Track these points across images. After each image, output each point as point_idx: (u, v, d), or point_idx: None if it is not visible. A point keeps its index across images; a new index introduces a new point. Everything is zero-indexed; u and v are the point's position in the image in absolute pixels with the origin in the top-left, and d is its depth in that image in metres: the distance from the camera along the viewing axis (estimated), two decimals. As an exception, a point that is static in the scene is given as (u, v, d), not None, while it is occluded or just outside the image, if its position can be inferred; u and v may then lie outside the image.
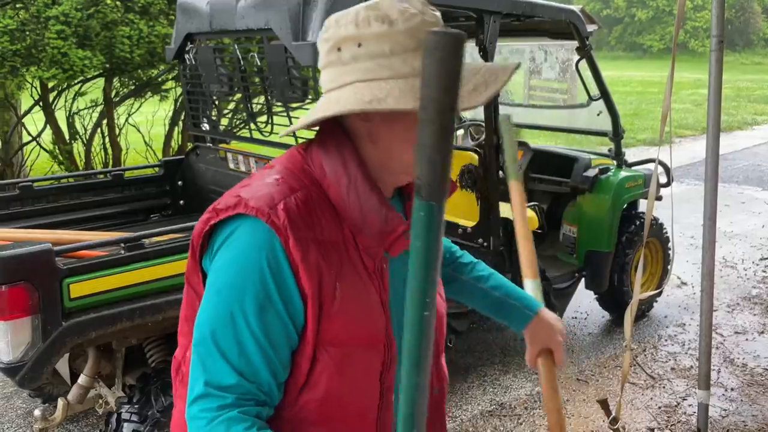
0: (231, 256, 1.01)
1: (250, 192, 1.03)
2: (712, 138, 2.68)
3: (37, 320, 2.21)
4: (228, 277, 1.01)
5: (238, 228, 1.02)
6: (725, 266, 5.56)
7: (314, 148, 1.10)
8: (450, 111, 0.66)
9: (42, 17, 5.09)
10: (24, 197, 3.38)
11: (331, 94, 1.03)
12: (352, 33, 1.00)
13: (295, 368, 1.05)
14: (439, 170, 0.68)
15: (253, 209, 1.00)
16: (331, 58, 1.03)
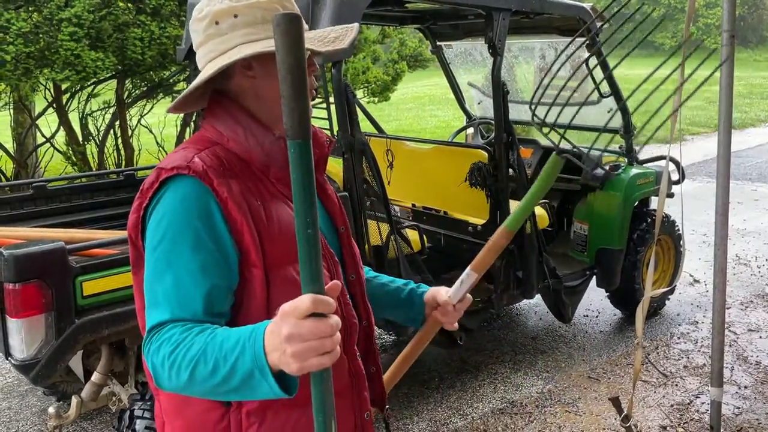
0: (160, 216, 1.11)
1: (164, 163, 1.15)
2: (724, 134, 2.66)
3: (51, 318, 2.24)
4: (160, 233, 1.10)
5: (164, 193, 1.13)
6: (738, 263, 5.52)
7: (205, 120, 1.25)
8: (297, 69, 0.85)
9: (55, 19, 5.14)
10: (38, 197, 3.42)
11: (216, 60, 1.17)
12: (227, 6, 1.16)
13: (254, 296, 1.14)
14: (297, 115, 0.86)
15: (173, 169, 1.12)
16: (209, 31, 1.18)
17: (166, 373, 1.03)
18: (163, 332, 1.05)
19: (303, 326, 0.92)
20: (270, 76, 1.20)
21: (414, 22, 4.42)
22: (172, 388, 1.05)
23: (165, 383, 1.05)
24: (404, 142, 4.09)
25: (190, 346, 1.01)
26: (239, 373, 0.97)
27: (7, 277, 2.16)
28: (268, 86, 1.21)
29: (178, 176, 1.12)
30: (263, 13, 1.17)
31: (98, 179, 3.83)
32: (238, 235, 1.13)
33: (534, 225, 3.49)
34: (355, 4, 2.64)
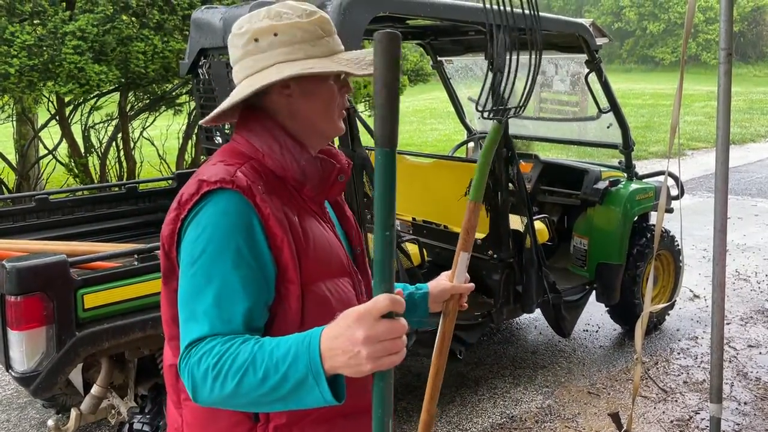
0: (200, 229, 1.11)
1: (205, 175, 1.14)
2: (722, 150, 2.68)
3: (52, 330, 2.24)
4: (200, 246, 1.10)
5: (205, 205, 1.12)
6: (738, 279, 5.52)
7: (238, 134, 1.25)
8: (393, 83, 0.92)
9: (59, 33, 5.19)
10: (40, 209, 3.44)
11: (253, 78, 1.18)
12: (267, 25, 1.18)
13: (289, 311, 1.15)
14: (389, 126, 0.93)
15: (216, 182, 1.12)
16: (248, 48, 1.19)
17: (208, 385, 1.01)
18: (204, 345, 1.04)
19: (379, 327, 0.95)
20: (306, 96, 1.22)
21: (415, 38, 4.46)
22: (212, 399, 1.03)
23: (205, 395, 1.03)
24: (404, 156, 4.11)
25: (235, 355, 1.00)
26: (291, 381, 0.97)
27: (9, 290, 2.17)
28: (303, 105, 1.22)
29: (220, 190, 1.12)
30: (302, 33, 1.18)
31: (100, 192, 3.86)
32: (277, 251, 1.13)
33: (534, 239, 3.50)
34: (358, 20, 2.67)
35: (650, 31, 43.13)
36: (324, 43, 1.20)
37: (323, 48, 1.19)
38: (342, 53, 1.23)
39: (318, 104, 1.23)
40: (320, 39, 1.19)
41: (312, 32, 1.18)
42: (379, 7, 2.77)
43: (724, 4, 2.58)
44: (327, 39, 1.20)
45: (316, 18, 1.20)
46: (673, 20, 41.93)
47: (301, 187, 1.22)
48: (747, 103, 20.28)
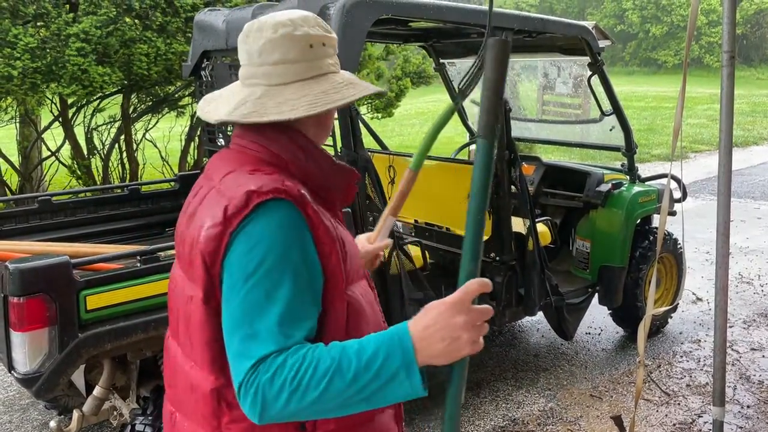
0: (253, 242, 1.06)
1: (253, 186, 1.10)
2: (725, 153, 2.68)
3: (54, 332, 2.24)
4: (255, 261, 1.05)
5: (255, 217, 1.08)
6: (741, 282, 5.51)
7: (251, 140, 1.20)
8: (500, 83, 1.07)
9: (62, 35, 5.20)
10: (43, 211, 3.44)
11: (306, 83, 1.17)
12: (320, 34, 1.19)
13: (338, 318, 1.16)
14: (492, 121, 1.08)
15: (268, 192, 1.08)
16: (305, 53, 1.17)
17: (283, 400, 1.00)
18: (272, 361, 1.02)
19: (474, 312, 1.03)
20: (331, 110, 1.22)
21: (418, 40, 4.46)
22: (284, 414, 1.01)
23: (275, 411, 1.01)
24: (407, 158, 4.11)
25: (315, 364, 1.00)
26: (383, 378, 1.00)
27: (12, 291, 2.17)
28: (328, 115, 1.27)
29: (273, 200, 1.08)
30: (335, 48, 1.23)
31: (103, 193, 3.86)
32: (325, 259, 1.13)
33: (536, 242, 3.50)
34: (360, 22, 2.68)
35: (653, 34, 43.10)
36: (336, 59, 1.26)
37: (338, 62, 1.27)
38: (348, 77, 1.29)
39: (332, 116, 1.29)
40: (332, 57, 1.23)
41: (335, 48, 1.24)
42: (382, 9, 2.77)
43: (727, 7, 2.58)
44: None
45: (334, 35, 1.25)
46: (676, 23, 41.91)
47: (326, 194, 1.21)
48: (750, 106, 20.26)
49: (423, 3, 2.97)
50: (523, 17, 3.31)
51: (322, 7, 2.70)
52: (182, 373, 1.22)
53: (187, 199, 1.28)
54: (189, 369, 1.20)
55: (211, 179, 1.21)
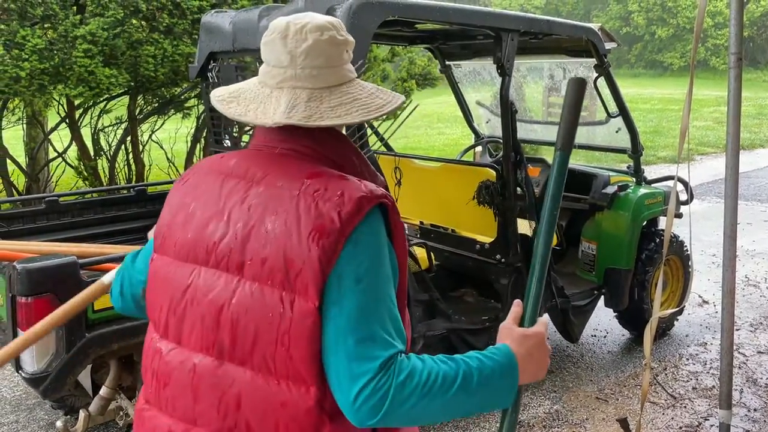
0: (363, 246, 1.08)
1: (360, 191, 1.11)
2: (732, 155, 2.67)
3: (61, 332, 2.26)
4: (366, 264, 1.08)
5: (365, 222, 1.09)
6: (748, 285, 5.49)
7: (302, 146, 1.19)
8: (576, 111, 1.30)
9: (70, 36, 5.23)
10: (50, 211, 3.46)
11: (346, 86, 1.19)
12: (351, 40, 1.22)
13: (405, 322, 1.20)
14: (569, 135, 1.30)
15: (376, 198, 1.11)
16: (345, 57, 1.20)
17: (410, 404, 1.05)
18: (401, 365, 1.06)
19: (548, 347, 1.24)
20: None
21: (423, 42, 4.46)
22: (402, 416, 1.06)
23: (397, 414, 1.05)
24: (412, 160, 4.12)
25: (444, 374, 1.08)
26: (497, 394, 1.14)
27: (20, 291, 2.19)
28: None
29: (379, 206, 1.11)
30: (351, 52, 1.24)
31: (109, 194, 3.87)
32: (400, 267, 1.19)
33: (542, 244, 3.49)
34: (366, 24, 2.68)
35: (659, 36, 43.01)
36: None
37: None
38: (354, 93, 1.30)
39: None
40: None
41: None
42: (389, 11, 2.78)
43: (734, 9, 2.58)
44: None
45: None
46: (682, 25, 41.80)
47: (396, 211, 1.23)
48: (756, 108, 20.17)
49: (429, 5, 2.97)
50: (529, 19, 3.31)
51: (328, 8, 2.71)
52: (256, 398, 1.12)
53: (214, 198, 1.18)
54: (274, 389, 1.11)
55: (272, 184, 1.14)
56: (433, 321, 3.17)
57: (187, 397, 1.18)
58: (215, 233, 1.15)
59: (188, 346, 1.18)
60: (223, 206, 1.16)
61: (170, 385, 1.20)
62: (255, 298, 1.10)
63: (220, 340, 1.14)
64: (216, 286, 1.14)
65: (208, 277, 1.15)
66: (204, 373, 1.16)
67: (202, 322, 1.15)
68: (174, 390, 1.20)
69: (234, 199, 1.15)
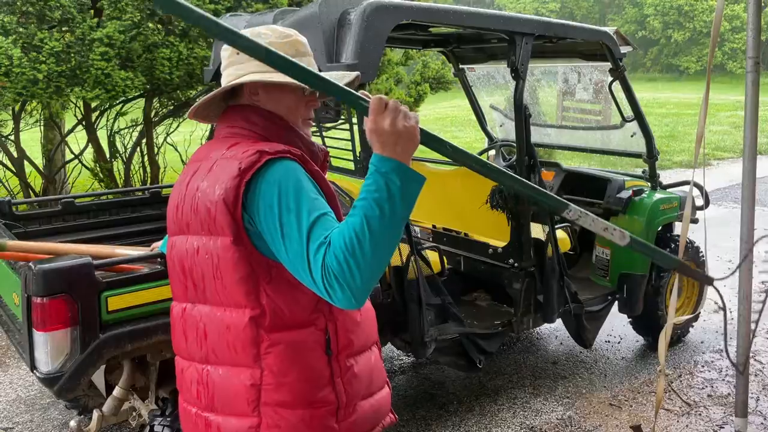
0: (278, 186, 1.31)
1: (263, 147, 1.36)
2: (749, 160, 2.64)
3: (76, 332, 2.27)
4: (291, 196, 1.30)
5: (269, 170, 1.34)
6: (764, 292, 5.42)
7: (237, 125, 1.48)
8: None
9: (87, 40, 5.28)
10: (66, 213, 3.49)
11: (233, 82, 1.46)
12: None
13: None
14: None
15: (276, 153, 1.35)
16: (231, 59, 1.48)
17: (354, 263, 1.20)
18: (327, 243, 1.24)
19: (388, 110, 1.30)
20: (270, 102, 1.48)
21: (437, 45, 4.46)
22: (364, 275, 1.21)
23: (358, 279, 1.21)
24: (425, 163, 4.11)
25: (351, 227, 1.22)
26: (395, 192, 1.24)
27: (35, 291, 2.21)
28: (271, 103, 1.49)
29: (280, 158, 1.35)
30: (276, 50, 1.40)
31: (125, 196, 3.90)
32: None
33: (555, 248, 3.47)
34: (380, 28, 2.68)
35: (675, 40, 42.69)
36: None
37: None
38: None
39: (281, 110, 1.49)
40: (292, 58, 1.36)
41: (284, 51, 1.37)
42: (402, 14, 2.78)
43: (751, 12, 2.56)
44: (298, 59, 1.39)
45: (291, 40, 1.48)
46: (699, 29, 41.48)
47: (309, 162, 1.42)
48: (774, 113, 19.93)
49: (443, 8, 2.97)
50: (544, 23, 3.30)
51: (342, 12, 2.71)
52: (213, 326, 1.43)
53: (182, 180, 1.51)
54: (221, 315, 1.41)
55: (209, 157, 1.45)
56: (445, 325, 3.16)
57: (183, 340, 1.52)
58: (176, 207, 1.51)
59: (177, 299, 1.55)
60: (184, 185, 1.49)
61: (175, 333, 1.55)
62: (197, 247, 1.43)
63: (188, 287, 1.48)
64: (180, 247, 1.49)
65: (177, 242, 1.51)
66: (186, 317, 1.50)
67: (178, 277, 1.51)
68: (177, 336, 1.54)
69: (189, 177, 1.49)
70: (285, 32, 1.49)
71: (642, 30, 44.13)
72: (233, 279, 1.37)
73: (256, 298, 1.36)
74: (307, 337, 1.39)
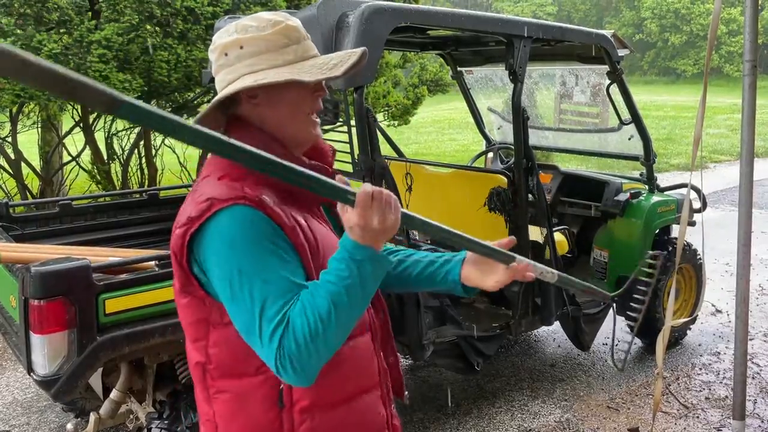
0: (229, 241, 1.17)
1: (212, 193, 1.21)
2: (746, 163, 2.65)
3: (73, 335, 2.26)
4: (238, 255, 1.16)
5: (220, 221, 1.18)
6: (762, 294, 5.43)
7: None
8: None
9: (85, 42, 5.27)
10: (63, 215, 3.48)
11: (225, 90, 1.27)
12: (234, 39, 1.26)
13: None
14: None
15: (228, 200, 1.18)
16: (220, 62, 1.28)
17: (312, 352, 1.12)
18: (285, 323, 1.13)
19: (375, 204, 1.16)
20: (272, 104, 1.28)
21: (435, 48, 4.47)
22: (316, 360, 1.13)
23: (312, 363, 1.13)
24: (423, 165, 4.11)
25: (317, 310, 1.13)
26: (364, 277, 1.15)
27: (32, 294, 2.20)
28: (270, 112, 1.29)
29: (233, 206, 1.18)
30: (266, 44, 1.25)
31: (122, 198, 3.90)
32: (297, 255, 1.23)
33: (553, 251, 3.48)
34: (378, 30, 2.69)
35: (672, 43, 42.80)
36: (289, 52, 1.26)
37: (288, 56, 1.26)
38: (310, 59, 1.28)
39: (284, 111, 1.29)
40: (285, 47, 1.26)
41: (275, 42, 1.25)
42: (401, 17, 2.78)
43: (748, 16, 2.56)
44: (293, 47, 1.26)
45: (281, 28, 1.26)
46: (695, 32, 41.59)
47: (298, 194, 1.28)
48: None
49: (441, 11, 2.97)
50: (541, 25, 3.30)
51: (341, 14, 2.71)
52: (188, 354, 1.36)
53: None
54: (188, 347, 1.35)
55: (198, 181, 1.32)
56: (443, 327, 3.16)
57: None
58: None
59: None
60: None
61: None
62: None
63: None
64: None
65: None
66: None
67: None
68: None
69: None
70: (273, 19, 1.27)
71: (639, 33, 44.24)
72: (183, 321, 1.32)
73: (204, 346, 1.28)
74: (256, 388, 1.26)
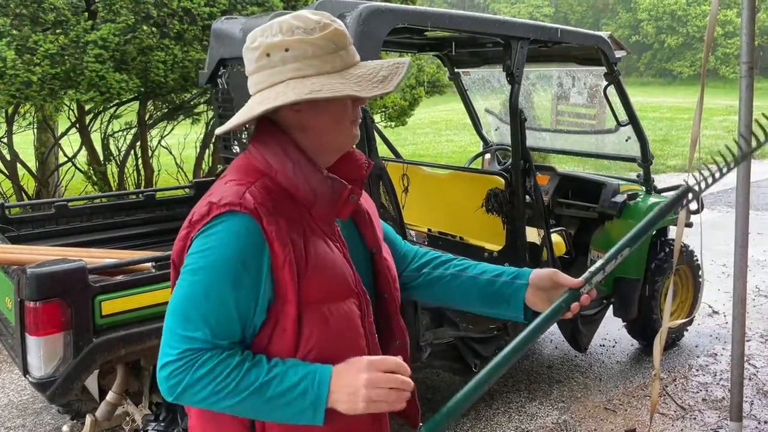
0: (207, 245, 1.15)
1: (216, 197, 1.18)
2: (743, 164, 2.65)
3: (69, 336, 2.26)
4: (206, 261, 1.14)
5: (215, 226, 1.16)
6: (759, 295, 5.44)
7: (254, 147, 1.26)
8: None
9: (81, 42, 5.25)
10: (59, 216, 3.47)
11: (265, 93, 1.19)
12: (279, 40, 1.18)
13: (284, 331, 1.19)
14: None
15: (225, 206, 1.16)
16: (261, 62, 1.20)
17: (200, 397, 1.12)
18: (202, 356, 1.12)
19: (382, 376, 1.13)
20: (315, 112, 1.22)
21: (433, 49, 4.47)
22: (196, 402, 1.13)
23: (190, 398, 1.13)
24: (421, 167, 4.11)
25: (240, 378, 1.11)
26: (294, 408, 1.12)
27: (28, 295, 2.19)
28: (312, 121, 1.23)
29: (230, 212, 1.15)
30: (314, 49, 1.18)
31: (118, 199, 3.89)
32: (278, 271, 1.17)
33: (550, 252, 3.48)
34: (376, 31, 2.68)
35: (668, 45, 42.91)
36: (336, 58, 1.19)
37: (335, 63, 1.19)
38: (354, 67, 1.21)
39: (328, 119, 1.23)
40: (332, 54, 1.19)
41: (323, 47, 1.18)
42: (398, 18, 2.78)
43: (745, 17, 2.57)
44: (340, 53, 1.19)
45: (329, 32, 1.18)
46: (692, 34, 41.70)
47: (310, 207, 1.23)
48: (767, 118, 20.03)
49: (439, 12, 2.97)
50: (539, 27, 3.30)
51: (338, 15, 2.71)
52: None
53: None
54: None
55: None
56: (440, 329, 3.15)
57: None
58: None
59: None
60: None
61: None
62: None
63: None
64: None
65: None
66: None
67: None
68: None
69: None
70: (321, 21, 1.19)
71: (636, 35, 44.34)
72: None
73: None
74: None
